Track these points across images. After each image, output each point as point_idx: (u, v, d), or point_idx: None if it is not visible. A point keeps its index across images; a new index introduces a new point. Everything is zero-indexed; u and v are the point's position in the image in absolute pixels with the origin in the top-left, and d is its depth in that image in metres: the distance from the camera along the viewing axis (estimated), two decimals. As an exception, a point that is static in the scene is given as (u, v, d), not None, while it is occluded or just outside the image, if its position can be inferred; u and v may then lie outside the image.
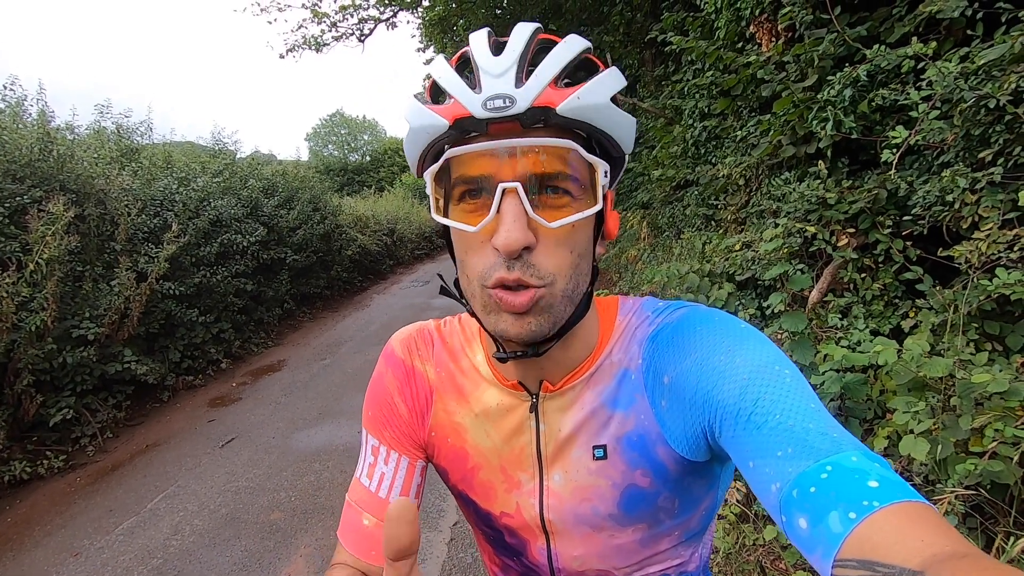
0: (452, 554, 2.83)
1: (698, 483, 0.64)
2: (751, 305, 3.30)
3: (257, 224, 7.53)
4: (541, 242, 0.53)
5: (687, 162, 5.00)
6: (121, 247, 5.18)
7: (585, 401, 0.64)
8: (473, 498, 0.72)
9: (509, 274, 0.52)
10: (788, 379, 0.51)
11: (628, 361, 0.64)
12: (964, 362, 1.92)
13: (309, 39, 11.55)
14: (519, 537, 0.71)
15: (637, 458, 0.62)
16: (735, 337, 0.57)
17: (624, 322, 0.66)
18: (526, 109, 0.50)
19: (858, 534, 0.39)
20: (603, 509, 0.65)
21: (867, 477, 0.42)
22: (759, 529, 2.49)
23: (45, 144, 4.76)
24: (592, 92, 0.52)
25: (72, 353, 4.36)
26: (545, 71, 0.51)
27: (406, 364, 0.74)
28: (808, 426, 0.47)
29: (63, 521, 3.42)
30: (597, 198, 0.54)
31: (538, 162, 0.51)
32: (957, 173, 1.98)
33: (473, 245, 0.55)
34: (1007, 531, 1.64)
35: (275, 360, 6.65)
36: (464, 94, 0.52)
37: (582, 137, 0.54)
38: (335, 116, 34.01)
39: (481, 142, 0.52)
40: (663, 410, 0.60)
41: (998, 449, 1.60)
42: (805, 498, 0.43)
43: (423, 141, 0.56)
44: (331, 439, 4.22)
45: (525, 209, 0.51)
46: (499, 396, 0.68)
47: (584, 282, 0.58)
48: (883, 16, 2.84)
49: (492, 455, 0.69)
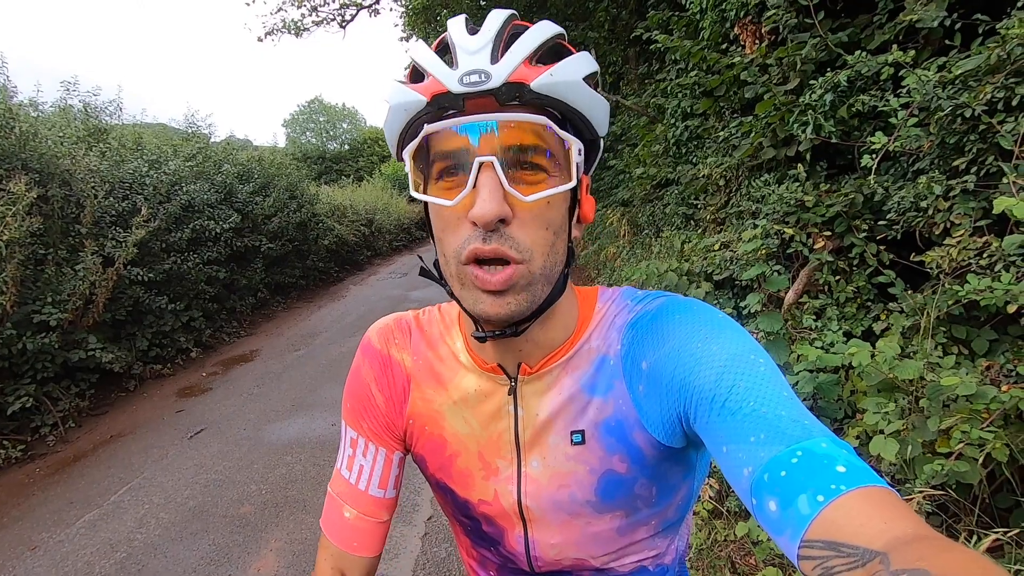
0: (426, 548, 2.81)
1: (674, 470, 0.64)
2: (728, 305, 3.35)
3: (231, 210, 7.35)
4: (517, 216, 0.54)
5: (668, 161, 5.03)
6: (87, 230, 5.01)
7: (563, 385, 0.65)
8: (451, 486, 0.72)
9: (485, 245, 0.53)
10: (762, 368, 0.53)
11: (607, 347, 0.64)
12: (932, 364, 1.98)
13: (288, 23, 11.29)
14: (496, 526, 0.71)
15: (615, 443, 0.63)
16: (712, 326, 0.58)
17: (603, 309, 0.67)
18: (501, 84, 0.52)
19: (825, 516, 0.40)
20: (580, 495, 0.65)
21: (835, 462, 0.43)
22: (731, 525, 2.53)
23: (7, 120, 4.56)
24: (565, 70, 0.54)
25: (32, 339, 4.20)
26: (519, 49, 0.53)
27: (382, 354, 0.74)
28: (780, 413, 0.48)
29: (20, 513, 3.29)
30: (571, 175, 0.55)
31: (513, 137, 0.53)
32: (932, 180, 2.02)
33: (450, 222, 0.55)
34: (969, 529, 1.69)
35: (247, 350, 6.52)
36: (441, 71, 0.53)
37: (556, 116, 0.55)
38: (314, 103, 33.35)
39: (458, 118, 0.53)
40: (640, 395, 0.61)
41: (964, 450, 1.64)
42: (776, 482, 0.44)
43: (402, 119, 0.57)
44: (304, 431, 4.15)
45: (501, 182, 0.52)
46: (477, 381, 0.68)
47: (560, 262, 0.59)
48: (864, 23, 2.88)
49: (470, 441, 0.69)
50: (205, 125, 8.51)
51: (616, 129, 7.92)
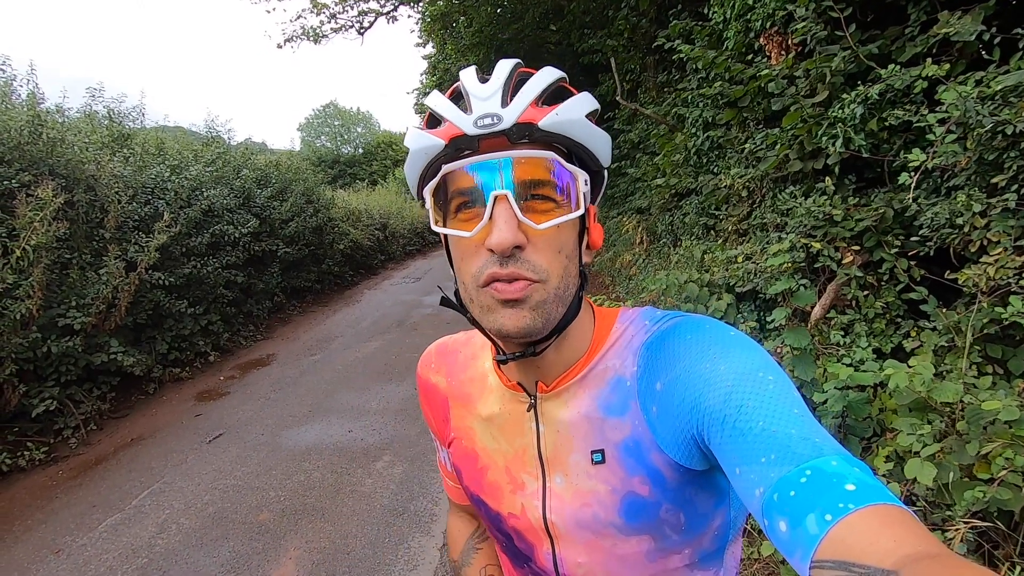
0: (444, 560, 2.80)
1: (701, 496, 0.64)
2: (751, 318, 3.30)
3: (249, 215, 7.42)
4: (531, 243, 0.58)
5: (689, 171, 4.99)
6: (111, 235, 5.07)
7: (579, 403, 0.67)
8: (483, 498, 0.76)
9: (503, 269, 0.57)
10: (772, 385, 0.53)
11: (623, 368, 0.66)
12: (968, 385, 1.93)
13: (308, 30, 11.42)
14: (526, 541, 0.74)
15: (634, 464, 0.64)
16: (722, 344, 0.59)
17: (621, 330, 0.69)
18: (511, 125, 0.57)
19: (833, 535, 0.40)
20: (603, 515, 0.66)
21: (845, 481, 0.43)
22: (755, 543, 2.49)
23: (35, 127, 4.63)
24: (569, 109, 0.59)
25: (57, 342, 4.25)
26: (527, 93, 0.58)
27: (423, 379, 0.85)
28: (790, 432, 0.48)
29: (44, 516, 3.33)
30: (579, 204, 0.60)
31: (525, 172, 0.57)
32: (972, 198, 1.98)
33: (469, 251, 0.60)
34: (1012, 560, 1.64)
35: (264, 354, 6.56)
36: (457, 116, 0.58)
37: (563, 151, 0.61)
38: (329, 107, 33.67)
39: (473, 157, 0.58)
40: (654, 416, 0.62)
41: (1006, 477, 1.60)
42: (785, 501, 0.44)
43: (422, 161, 0.62)
44: (321, 437, 4.16)
45: (515, 212, 0.56)
46: (502, 399, 0.73)
47: (574, 284, 0.63)
48: (895, 35, 2.84)
49: (498, 456, 0.74)
50: (224, 130, 8.61)
51: (633, 136, 7.90)
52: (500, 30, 10.10)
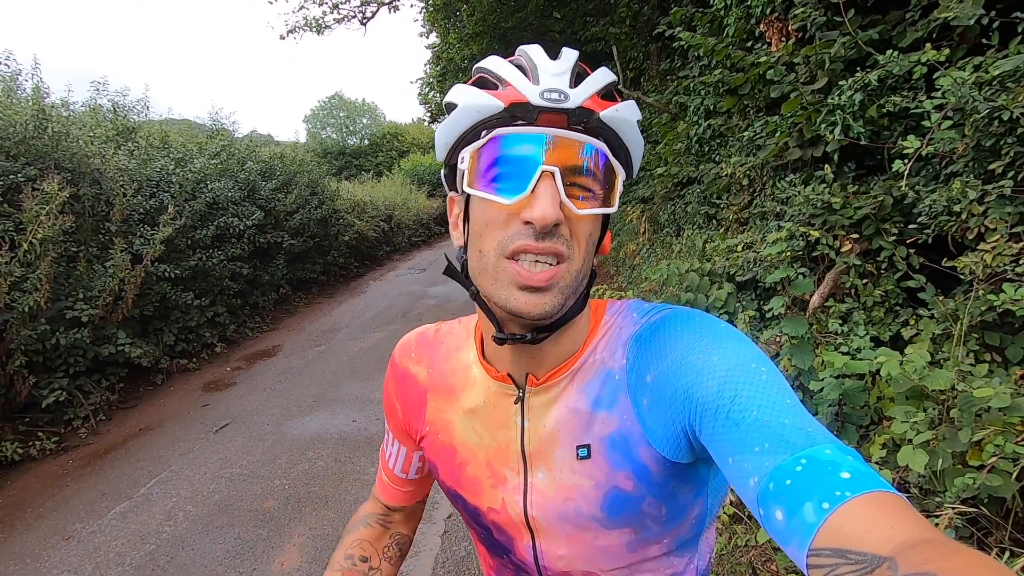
0: (445, 547, 2.84)
1: (683, 488, 0.65)
2: (751, 306, 3.30)
3: (254, 207, 7.46)
4: (566, 225, 0.58)
5: (690, 159, 4.96)
6: (116, 228, 5.12)
7: (569, 399, 0.66)
8: (461, 493, 0.76)
9: (538, 243, 0.56)
10: (764, 376, 0.53)
11: (612, 361, 0.66)
12: (964, 373, 1.93)
13: (310, 21, 11.38)
14: (506, 534, 0.74)
15: (620, 459, 0.64)
16: (713, 336, 0.59)
17: (610, 322, 0.69)
18: (576, 107, 0.57)
19: (831, 523, 0.41)
20: (586, 509, 0.66)
21: (840, 469, 0.44)
22: (751, 530, 2.51)
23: (40, 121, 4.68)
24: (627, 110, 0.60)
25: (65, 334, 4.32)
26: (592, 83, 0.59)
27: (400, 368, 0.82)
28: (784, 421, 0.49)
29: (55, 504, 3.41)
30: (613, 202, 0.61)
31: (573, 156, 0.57)
32: (968, 185, 1.96)
33: (497, 220, 0.58)
34: (1002, 546, 1.65)
35: (270, 345, 6.63)
36: (523, 83, 0.58)
37: (609, 147, 0.61)
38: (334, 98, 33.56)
39: (529, 127, 0.57)
40: (644, 408, 0.62)
41: (997, 464, 1.60)
42: (781, 490, 0.45)
43: (469, 120, 0.60)
44: (326, 427, 4.22)
45: (559, 191, 0.56)
46: (487, 392, 0.71)
47: (587, 275, 0.63)
48: (895, 20, 2.80)
49: (479, 450, 0.72)
50: (229, 122, 8.63)
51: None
52: (503, 19, 10.01)
